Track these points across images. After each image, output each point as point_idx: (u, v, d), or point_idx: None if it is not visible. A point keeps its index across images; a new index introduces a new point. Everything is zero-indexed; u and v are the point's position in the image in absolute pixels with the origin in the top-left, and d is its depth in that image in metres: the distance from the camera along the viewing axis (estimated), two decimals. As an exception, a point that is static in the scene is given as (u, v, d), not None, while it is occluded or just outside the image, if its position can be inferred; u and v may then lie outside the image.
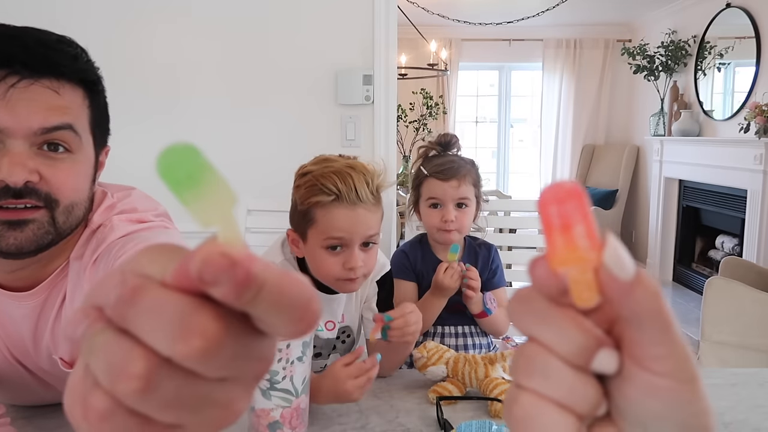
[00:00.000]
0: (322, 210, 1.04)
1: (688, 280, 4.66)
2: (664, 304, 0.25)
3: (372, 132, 2.27)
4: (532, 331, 0.26)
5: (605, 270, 0.24)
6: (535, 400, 0.26)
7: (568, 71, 5.78)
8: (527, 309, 0.26)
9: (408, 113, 5.31)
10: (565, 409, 0.25)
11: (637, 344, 0.25)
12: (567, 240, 0.25)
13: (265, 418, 0.86)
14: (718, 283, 2.34)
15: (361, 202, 1.03)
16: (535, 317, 0.26)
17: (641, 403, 0.25)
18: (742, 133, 3.69)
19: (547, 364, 0.25)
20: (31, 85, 0.70)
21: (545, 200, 0.25)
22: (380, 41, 2.22)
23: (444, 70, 5.15)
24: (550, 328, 0.25)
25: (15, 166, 0.69)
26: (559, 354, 0.25)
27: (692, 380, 0.25)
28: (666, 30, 4.81)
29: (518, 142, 6.33)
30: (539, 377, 0.26)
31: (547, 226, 0.25)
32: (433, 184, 1.37)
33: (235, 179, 1.39)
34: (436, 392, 1.05)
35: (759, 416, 1.01)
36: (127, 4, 2.15)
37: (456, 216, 1.35)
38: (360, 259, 1.05)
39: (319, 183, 1.03)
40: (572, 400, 0.25)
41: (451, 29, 5.51)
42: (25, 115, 0.70)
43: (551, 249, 0.25)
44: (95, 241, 0.82)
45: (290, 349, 0.84)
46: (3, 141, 0.70)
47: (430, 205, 1.38)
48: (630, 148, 5.44)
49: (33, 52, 0.70)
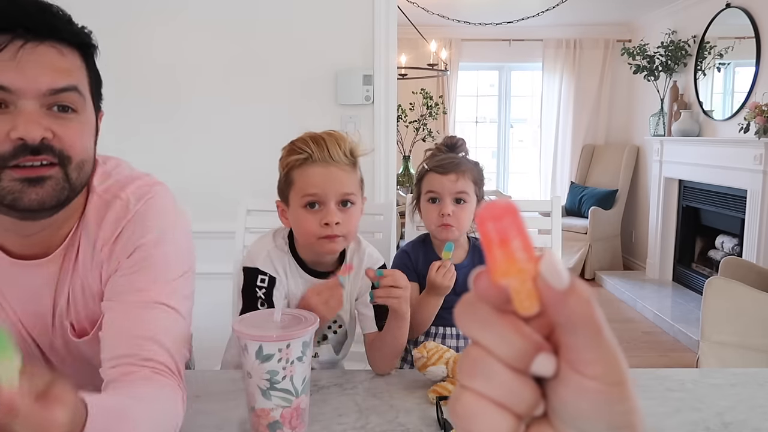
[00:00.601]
0: (298, 170, 1.11)
1: (688, 280, 4.66)
2: (595, 311, 0.26)
3: (372, 132, 2.27)
4: (475, 336, 0.28)
5: (542, 279, 0.26)
6: (477, 399, 0.27)
7: (568, 71, 5.78)
8: (471, 315, 0.28)
9: (408, 113, 5.31)
10: (504, 409, 0.27)
11: (571, 349, 0.27)
12: (506, 253, 0.27)
13: (265, 418, 0.86)
14: (718, 283, 2.34)
15: (333, 161, 1.10)
16: (478, 323, 0.28)
17: (573, 403, 0.27)
18: (742, 133, 3.69)
19: (489, 366, 0.27)
20: (37, 47, 0.73)
21: (483, 218, 0.27)
22: (380, 41, 2.22)
23: (444, 70, 5.15)
24: (492, 333, 0.27)
25: (31, 124, 0.72)
26: (500, 357, 0.27)
27: (620, 383, 0.27)
28: (666, 30, 4.81)
29: (518, 142, 6.32)
30: (481, 378, 0.27)
31: (486, 241, 0.27)
32: (432, 178, 1.38)
33: (235, 179, 1.40)
34: (435, 392, 1.05)
35: (759, 416, 1.01)
36: (127, 5, 2.15)
37: (454, 211, 1.34)
38: (337, 216, 1.10)
39: (295, 146, 1.12)
40: (511, 400, 0.27)
41: (451, 29, 5.51)
42: (33, 76, 0.73)
43: (492, 262, 0.27)
44: (113, 216, 0.87)
45: (290, 349, 0.84)
46: (15, 102, 0.73)
47: (429, 199, 1.38)
48: (630, 148, 5.44)
49: (34, 16, 0.72)
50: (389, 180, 2.32)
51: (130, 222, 0.88)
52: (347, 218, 1.12)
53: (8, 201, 0.75)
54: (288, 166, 1.13)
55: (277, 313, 0.88)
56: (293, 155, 1.11)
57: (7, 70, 0.72)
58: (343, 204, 1.12)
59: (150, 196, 0.91)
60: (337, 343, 1.24)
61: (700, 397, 1.08)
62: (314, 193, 1.10)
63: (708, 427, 0.97)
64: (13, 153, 0.73)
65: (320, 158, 1.10)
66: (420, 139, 5.20)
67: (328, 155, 1.10)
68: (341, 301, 1.08)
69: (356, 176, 1.15)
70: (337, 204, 1.11)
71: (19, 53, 0.71)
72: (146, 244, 0.88)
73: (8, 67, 0.71)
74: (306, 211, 1.11)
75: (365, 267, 1.19)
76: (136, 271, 0.87)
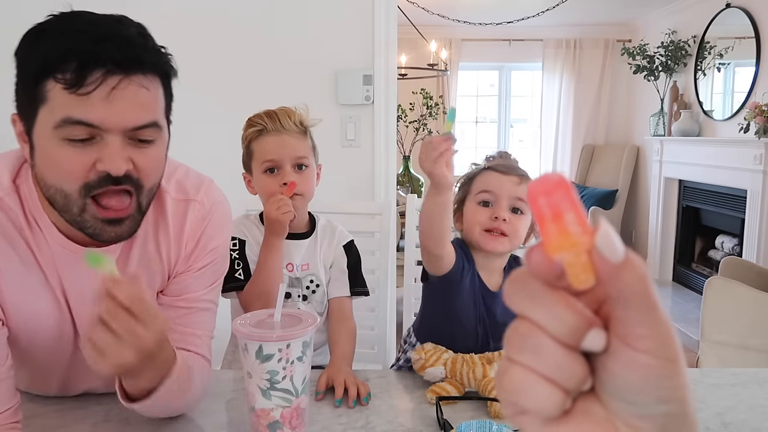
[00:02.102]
0: (256, 141, 1.27)
1: (688, 280, 4.65)
2: (650, 286, 0.26)
3: (372, 132, 2.27)
4: (526, 311, 0.28)
5: (597, 252, 0.26)
6: (525, 373, 0.27)
7: (568, 71, 5.78)
8: (522, 290, 0.28)
9: (408, 113, 5.30)
10: (553, 384, 0.27)
11: (624, 323, 0.27)
12: (559, 227, 0.27)
13: (265, 418, 0.86)
14: (718, 283, 2.34)
15: (285, 130, 1.26)
16: (529, 298, 0.28)
17: (624, 377, 0.27)
18: (741, 133, 3.69)
19: (539, 341, 0.27)
20: (128, 85, 0.78)
21: (534, 192, 0.27)
22: (380, 41, 2.22)
23: (444, 70, 5.15)
24: (543, 308, 0.27)
25: (117, 159, 0.79)
26: (551, 333, 0.27)
27: (673, 359, 0.27)
28: (666, 30, 4.81)
29: (518, 142, 6.32)
30: (530, 353, 0.27)
31: (540, 216, 0.27)
32: (490, 177, 1.15)
33: (235, 179, 1.39)
34: (434, 392, 1.05)
35: (759, 416, 1.01)
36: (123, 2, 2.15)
37: (510, 219, 1.12)
38: (294, 177, 1.25)
39: (251, 120, 1.29)
40: (561, 375, 0.27)
41: (451, 29, 5.51)
42: (121, 114, 0.78)
43: (545, 237, 0.27)
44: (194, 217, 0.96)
45: (290, 349, 0.84)
46: (102, 135, 0.78)
47: (480, 201, 1.14)
48: (630, 148, 5.44)
49: (124, 51, 0.77)
50: (389, 180, 2.32)
51: (208, 225, 0.97)
52: (303, 179, 1.27)
53: (89, 233, 0.83)
54: (247, 138, 1.29)
55: (277, 313, 0.88)
56: (250, 128, 1.28)
57: (99, 108, 0.76)
58: (299, 167, 1.27)
59: (217, 199, 1.00)
60: (317, 302, 1.34)
61: (699, 397, 1.08)
62: (271, 159, 1.25)
63: (708, 427, 0.97)
64: (97, 183, 0.80)
65: (273, 128, 1.26)
66: (420, 139, 5.20)
67: (280, 125, 1.26)
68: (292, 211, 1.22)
69: (307, 143, 1.30)
70: (293, 167, 1.26)
71: (112, 93, 0.76)
72: (218, 248, 0.99)
73: (101, 106, 0.76)
74: (266, 176, 1.26)
75: (336, 242, 1.36)
76: (204, 273, 0.98)
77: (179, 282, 0.97)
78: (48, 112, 0.76)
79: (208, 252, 0.98)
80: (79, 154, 0.78)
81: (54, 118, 0.76)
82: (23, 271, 0.87)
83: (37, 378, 1.01)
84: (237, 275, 1.25)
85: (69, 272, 0.89)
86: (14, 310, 0.88)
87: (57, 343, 0.94)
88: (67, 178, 0.79)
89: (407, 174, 4.97)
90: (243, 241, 1.29)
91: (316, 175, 1.33)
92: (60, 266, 0.89)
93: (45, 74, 0.75)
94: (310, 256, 1.34)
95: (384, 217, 1.65)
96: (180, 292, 0.97)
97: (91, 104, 0.76)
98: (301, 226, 1.35)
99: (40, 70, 0.75)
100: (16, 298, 0.87)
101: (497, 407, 1.00)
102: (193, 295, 0.97)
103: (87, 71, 0.74)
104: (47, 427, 0.95)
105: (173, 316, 0.95)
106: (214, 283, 1.01)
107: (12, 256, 0.86)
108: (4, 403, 0.84)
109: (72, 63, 0.74)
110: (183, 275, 0.97)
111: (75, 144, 0.77)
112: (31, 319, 0.89)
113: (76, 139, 0.77)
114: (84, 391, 1.05)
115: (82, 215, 0.81)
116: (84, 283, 0.90)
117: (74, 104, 0.75)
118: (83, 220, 0.82)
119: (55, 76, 0.75)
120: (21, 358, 0.91)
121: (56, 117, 0.76)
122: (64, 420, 0.97)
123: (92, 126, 0.77)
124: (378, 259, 1.64)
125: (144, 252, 0.94)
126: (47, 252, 0.87)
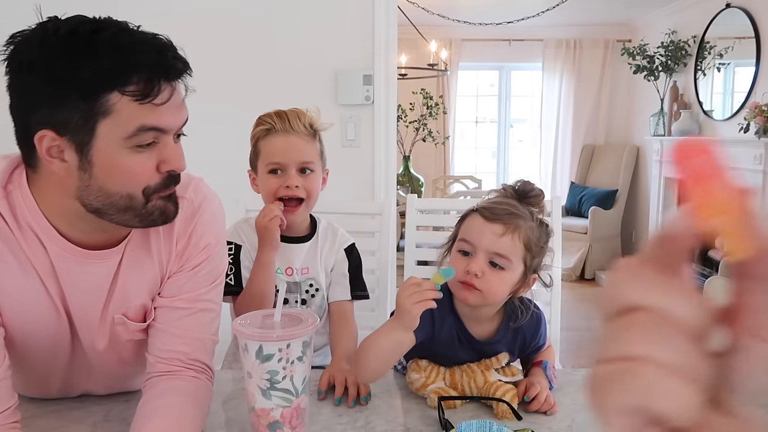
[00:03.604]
0: (263, 141, 1.26)
1: (688, 280, 4.65)
2: None
3: (372, 132, 2.27)
4: (644, 300, 0.25)
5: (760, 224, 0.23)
6: (659, 371, 0.24)
7: (568, 71, 5.77)
8: (635, 278, 0.25)
9: (408, 113, 5.30)
10: (691, 381, 0.24)
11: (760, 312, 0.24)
12: (715, 192, 0.24)
13: (265, 417, 0.86)
14: (718, 283, 2.34)
15: (293, 131, 1.24)
16: (647, 286, 0.25)
17: (757, 376, 0.24)
18: (741, 133, 3.69)
19: (668, 331, 0.24)
20: (175, 87, 0.84)
21: (680, 156, 0.25)
22: (380, 41, 2.22)
23: (444, 70, 5.15)
24: (667, 296, 0.25)
25: (179, 157, 0.86)
26: (678, 322, 0.24)
27: None
28: (666, 30, 4.81)
29: (518, 142, 6.32)
30: (660, 345, 0.24)
31: (690, 179, 0.24)
32: (473, 223, 1.06)
33: (235, 179, 1.40)
34: (437, 393, 1.04)
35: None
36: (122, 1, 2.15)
37: (485, 272, 1.02)
38: (297, 181, 1.24)
39: (261, 119, 1.28)
40: (695, 373, 0.24)
41: (451, 29, 5.50)
42: (176, 116, 0.85)
43: (698, 201, 0.24)
44: (184, 214, 0.94)
45: (290, 349, 0.84)
46: (160, 138, 0.83)
47: (460, 250, 1.06)
48: (630, 148, 5.43)
49: (180, 59, 0.83)
50: (389, 180, 2.32)
51: (198, 221, 0.97)
52: (307, 183, 1.26)
53: (153, 218, 0.87)
54: (255, 137, 1.28)
55: (277, 313, 0.88)
56: (258, 127, 1.27)
57: (167, 113, 0.82)
58: (303, 171, 1.26)
59: (206, 195, 1.00)
60: (317, 306, 1.33)
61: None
62: (277, 161, 1.25)
63: None
64: (163, 184, 0.85)
65: (282, 128, 1.24)
66: (420, 139, 5.20)
67: (288, 126, 1.24)
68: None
69: (315, 147, 1.28)
70: (298, 171, 1.25)
71: (168, 101, 0.82)
72: (211, 245, 0.98)
73: (167, 111, 0.82)
74: (270, 176, 1.26)
75: (338, 245, 1.34)
76: (199, 272, 0.97)
77: (174, 282, 0.96)
78: (114, 124, 0.79)
79: (201, 249, 0.97)
80: (147, 158, 0.83)
81: (126, 129, 0.79)
82: (20, 274, 0.86)
83: (36, 380, 1.01)
84: (228, 280, 1.22)
85: (68, 276, 0.89)
86: (11, 313, 0.87)
87: (55, 345, 0.93)
88: (137, 181, 0.83)
89: (407, 174, 4.98)
90: (239, 246, 1.28)
91: (322, 180, 1.31)
92: (59, 270, 0.88)
93: (106, 89, 0.77)
94: (311, 259, 1.33)
95: (384, 217, 1.65)
96: (176, 293, 0.96)
97: (161, 110, 0.81)
98: (302, 229, 1.34)
99: (97, 86, 0.77)
100: (12, 301, 0.87)
101: (503, 408, 0.99)
102: (191, 295, 0.96)
103: (155, 82, 0.79)
104: (46, 428, 0.95)
105: (173, 318, 0.95)
106: (213, 282, 0.99)
107: (9, 259, 0.85)
108: (3, 403, 0.83)
109: (140, 75, 0.78)
110: (177, 275, 0.96)
111: (142, 149, 0.82)
112: (29, 321, 0.89)
113: (144, 144, 0.82)
114: (84, 392, 1.05)
115: (146, 207, 0.85)
116: (83, 286, 0.90)
117: (147, 113, 0.80)
118: (147, 212, 0.85)
119: (121, 89, 0.77)
120: (19, 361, 0.91)
121: (128, 127, 0.79)
122: (63, 420, 0.97)
123: (161, 130, 0.82)
124: (378, 259, 1.64)
125: (136, 255, 0.94)
126: (42, 256, 0.87)
